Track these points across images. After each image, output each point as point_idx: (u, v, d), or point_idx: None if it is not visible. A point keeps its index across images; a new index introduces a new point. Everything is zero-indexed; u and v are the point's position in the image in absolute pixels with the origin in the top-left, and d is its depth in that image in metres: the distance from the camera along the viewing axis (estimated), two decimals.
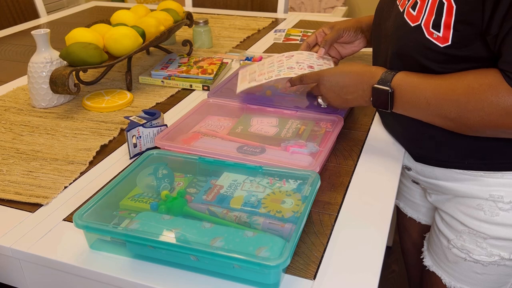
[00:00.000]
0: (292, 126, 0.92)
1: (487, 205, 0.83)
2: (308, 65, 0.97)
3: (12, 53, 1.49)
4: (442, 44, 0.70)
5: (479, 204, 0.84)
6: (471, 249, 0.86)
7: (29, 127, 1.00)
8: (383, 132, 0.95)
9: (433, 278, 0.96)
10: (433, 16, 0.70)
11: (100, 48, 1.09)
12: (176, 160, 0.79)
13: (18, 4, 1.91)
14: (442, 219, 0.92)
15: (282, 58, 1.02)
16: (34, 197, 0.77)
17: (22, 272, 0.71)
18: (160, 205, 0.68)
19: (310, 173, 0.72)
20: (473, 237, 0.85)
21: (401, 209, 1.16)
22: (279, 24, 1.73)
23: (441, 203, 0.93)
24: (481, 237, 0.84)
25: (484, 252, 0.85)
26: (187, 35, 1.59)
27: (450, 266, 0.91)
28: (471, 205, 0.85)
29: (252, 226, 0.65)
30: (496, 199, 0.81)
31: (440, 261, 0.94)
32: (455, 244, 0.88)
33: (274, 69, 0.97)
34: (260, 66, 1.03)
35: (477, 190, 0.83)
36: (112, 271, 0.63)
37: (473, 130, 0.71)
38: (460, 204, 0.87)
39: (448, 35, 0.69)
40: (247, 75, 1.02)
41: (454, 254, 0.89)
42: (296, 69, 0.95)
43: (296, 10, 3.45)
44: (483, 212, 0.83)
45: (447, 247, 0.90)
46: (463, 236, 0.87)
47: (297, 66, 0.96)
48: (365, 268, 0.63)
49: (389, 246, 1.94)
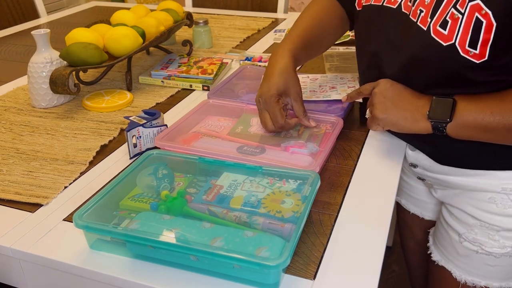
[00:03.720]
0: None
1: (499, 198, 0.83)
2: (330, 86, 1.01)
3: (12, 53, 1.49)
4: (479, 60, 0.69)
5: (491, 197, 0.84)
6: (483, 242, 0.87)
7: (29, 127, 1.00)
8: (384, 132, 0.95)
9: (442, 273, 0.96)
10: (469, 35, 0.68)
11: (100, 48, 1.09)
12: (176, 160, 0.79)
13: (18, 4, 1.91)
14: (451, 214, 0.93)
15: (306, 80, 1.06)
16: (34, 197, 0.77)
17: (22, 272, 0.71)
18: (160, 205, 0.68)
19: (310, 173, 0.72)
20: (485, 230, 0.86)
21: (403, 205, 1.16)
22: (279, 24, 1.73)
23: (449, 198, 0.93)
24: (494, 229, 0.85)
25: (496, 244, 0.86)
26: (187, 35, 1.59)
27: (461, 260, 0.92)
28: (482, 199, 0.85)
29: (252, 226, 0.65)
30: (509, 192, 0.82)
31: (449, 255, 0.94)
32: (467, 238, 0.89)
33: None
34: None
35: (489, 184, 0.84)
36: (112, 271, 0.63)
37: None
38: (470, 198, 0.88)
39: (485, 51, 0.68)
40: None
41: (465, 247, 0.90)
42: (318, 92, 0.99)
43: (296, 10, 3.45)
44: (495, 205, 0.84)
45: (458, 241, 0.91)
46: (475, 230, 0.87)
47: (319, 89, 1.00)
48: (365, 268, 0.63)
49: (389, 246, 1.94)
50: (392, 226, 1.68)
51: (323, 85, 1.02)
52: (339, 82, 1.02)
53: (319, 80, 1.05)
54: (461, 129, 0.73)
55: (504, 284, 0.90)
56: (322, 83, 1.04)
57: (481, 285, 0.91)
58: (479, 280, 0.91)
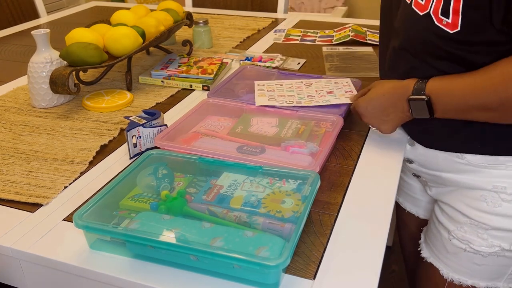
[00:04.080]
0: (292, 126, 0.92)
1: (490, 196, 0.84)
2: (327, 91, 1.03)
3: (12, 53, 1.49)
4: (452, 30, 0.71)
5: (482, 195, 0.85)
6: (471, 240, 0.87)
7: (29, 127, 1.00)
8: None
9: (430, 270, 0.97)
10: (442, 3, 0.72)
11: (100, 48, 1.09)
12: (176, 160, 0.79)
13: (18, 4, 1.91)
14: (442, 211, 0.93)
15: (301, 85, 1.08)
16: (34, 197, 0.77)
17: (22, 272, 0.71)
18: (160, 205, 0.68)
19: (310, 173, 0.72)
20: (474, 228, 0.86)
21: (400, 204, 1.17)
22: (279, 24, 1.73)
23: (443, 195, 0.93)
24: (482, 228, 0.85)
25: (484, 243, 0.86)
26: (187, 35, 1.59)
27: (449, 258, 0.92)
28: (474, 197, 0.86)
29: (252, 226, 0.65)
30: (499, 190, 0.83)
31: (438, 252, 0.94)
32: (456, 235, 0.89)
33: (294, 95, 1.02)
34: (278, 86, 1.07)
35: (481, 181, 0.84)
36: (112, 271, 0.63)
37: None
38: (463, 195, 0.88)
39: (457, 21, 0.71)
40: (265, 91, 1.05)
41: (454, 245, 0.90)
42: (316, 97, 1.01)
43: (296, 10, 3.45)
44: (485, 203, 0.84)
45: (447, 238, 0.91)
46: (464, 227, 0.88)
47: (316, 94, 1.02)
48: (365, 268, 0.63)
49: (389, 246, 1.94)
50: (392, 226, 1.69)
51: (319, 90, 1.03)
52: (335, 87, 1.04)
53: (314, 85, 1.06)
54: (444, 115, 0.78)
55: (491, 284, 0.90)
56: (317, 88, 1.05)
57: (468, 284, 0.91)
58: (465, 279, 0.91)
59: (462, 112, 0.76)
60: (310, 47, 1.46)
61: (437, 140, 0.88)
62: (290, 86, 1.07)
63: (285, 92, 1.04)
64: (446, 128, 0.84)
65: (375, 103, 0.85)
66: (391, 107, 0.83)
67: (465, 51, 0.73)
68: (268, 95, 1.02)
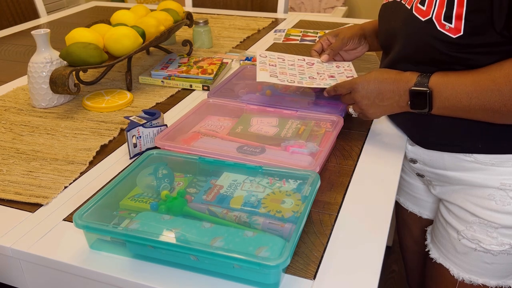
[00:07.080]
0: (292, 126, 0.92)
1: (498, 195, 0.84)
2: (329, 75, 1.01)
3: (12, 53, 1.49)
4: (455, 35, 0.72)
5: (490, 194, 0.85)
6: (481, 239, 0.87)
7: (29, 127, 1.00)
8: (383, 132, 0.95)
9: (440, 271, 0.97)
10: (444, 9, 0.72)
11: (100, 48, 1.09)
12: (176, 160, 0.79)
13: (18, 4, 1.91)
14: (449, 211, 0.93)
15: (303, 63, 1.06)
16: (34, 197, 0.77)
17: (22, 272, 0.71)
18: (160, 205, 0.68)
19: (310, 173, 0.72)
20: (484, 227, 0.86)
21: (402, 204, 1.16)
22: (279, 24, 1.73)
23: (448, 194, 0.93)
24: (492, 226, 0.86)
25: (494, 241, 0.86)
26: (187, 35, 1.59)
27: (459, 257, 0.92)
28: (481, 195, 0.86)
29: (252, 226, 0.65)
30: (507, 188, 0.83)
31: (447, 252, 0.94)
32: (465, 235, 0.89)
33: (295, 74, 1.00)
34: (280, 61, 1.05)
35: (488, 179, 0.84)
36: (112, 271, 0.63)
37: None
38: (469, 194, 0.88)
39: (460, 25, 0.71)
40: (267, 64, 1.03)
41: (463, 245, 0.90)
42: (317, 79, 0.99)
43: (296, 10, 3.45)
44: (494, 202, 0.84)
45: (456, 238, 0.91)
46: (474, 227, 0.88)
47: (318, 77, 1.00)
48: (365, 268, 0.63)
49: (389, 246, 1.94)
50: (392, 226, 1.69)
51: (321, 73, 1.02)
52: (337, 72, 1.02)
53: (315, 66, 1.05)
54: (442, 112, 0.79)
55: (502, 282, 0.91)
56: (319, 70, 1.03)
57: (478, 283, 0.91)
58: (476, 278, 0.91)
59: (462, 110, 0.76)
60: (310, 47, 1.46)
61: (437, 144, 0.88)
62: (292, 63, 1.05)
63: (287, 69, 1.01)
64: (446, 131, 0.84)
65: (374, 86, 0.84)
66: (389, 93, 0.82)
67: (467, 53, 0.74)
68: (270, 69, 1.00)
